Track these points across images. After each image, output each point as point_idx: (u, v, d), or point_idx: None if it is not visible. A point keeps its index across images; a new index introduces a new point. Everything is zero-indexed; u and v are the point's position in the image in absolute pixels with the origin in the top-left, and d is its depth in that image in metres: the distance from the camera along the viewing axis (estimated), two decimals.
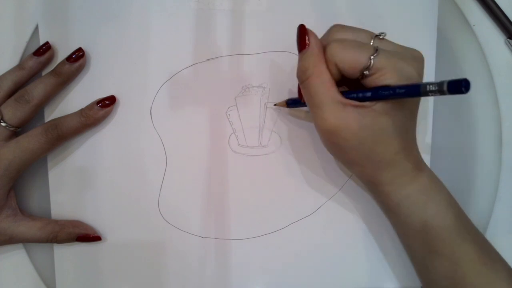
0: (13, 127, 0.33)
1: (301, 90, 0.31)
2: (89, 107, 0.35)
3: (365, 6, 0.37)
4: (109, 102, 0.35)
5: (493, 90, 0.39)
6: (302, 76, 0.30)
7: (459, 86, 0.23)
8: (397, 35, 0.33)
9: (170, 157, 0.36)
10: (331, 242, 0.38)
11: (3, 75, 0.34)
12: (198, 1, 0.36)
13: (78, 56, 0.35)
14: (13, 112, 0.33)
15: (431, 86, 0.25)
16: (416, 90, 0.26)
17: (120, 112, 0.36)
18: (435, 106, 0.38)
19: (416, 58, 0.30)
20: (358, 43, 0.29)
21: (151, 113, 0.36)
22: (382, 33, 0.30)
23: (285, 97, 0.37)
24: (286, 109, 0.37)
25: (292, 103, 0.35)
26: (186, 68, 0.36)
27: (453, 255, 0.30)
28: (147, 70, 0.36)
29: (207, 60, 0.36)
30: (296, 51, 0.31)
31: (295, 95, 0.36)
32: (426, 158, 0.37)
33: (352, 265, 0.38)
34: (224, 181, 0.37)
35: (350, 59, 0.28)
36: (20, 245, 0.37)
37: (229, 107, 0.37)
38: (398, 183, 0.31)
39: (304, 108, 0.36)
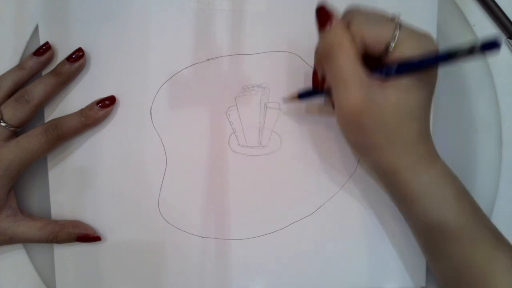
0: (13, 127, 0.33)
1: (325, 69, 0.30)
2: (89, 107, 0.35)
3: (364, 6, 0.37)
4: (109, 102, 0.35)
5: (493, 90, 0.39)
6: (326, 53, 0.29)
7: (494, 43, 0.24)
8: None
9: (170, 157, 0.37)
10: (331, 242, 0.38)
11: (3, 75, 0.34)
12: (198, 1, 0.36)
13: (78, 56, 0.35)
14: (13, 112, 0.33)
15: (463, 47, 0.25)
16: (447, 56, 0.26)
17: (120, 112, 0.36)
18: (435, 106, 0.38)
19: (429, 36, 0.30)
20: (382, 17, 0.30)
21: (151, 113, 0.36)
22: (397, 13, 0.30)
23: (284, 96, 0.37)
24: (302, 107, 0.36)
25: (304, 95, 0.34)
26: (186, 68, 0.36)
27: (471, 240, 0.30)
28: (147, 70, 0.36)
29: (207, 60, 0.36)
30: (296, 51, 0.31)
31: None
32: None
33: (352, 265, 0.38)
34: (224, 181, 0.37)
35: (376, 33, 0.29)
36: (20, 245, 0.37)
37: (229, 107, 0.37)
38: (417, 169, 0.30)
39: (316, 102, 0.35)
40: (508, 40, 0.39)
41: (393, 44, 0.28)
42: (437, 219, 0.31)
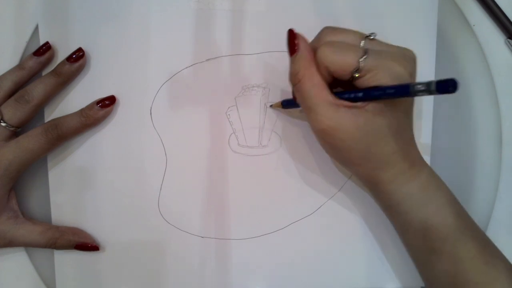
0: (13, 127, 0.33)
1: (294, 93, 0.31)
2: (89, 107, 0.35)
3: (365, 6, 0.37)
4: (109, 102, 0.35)
5: (493, 90, 0.39)
6: (294, 79, 0.30)
7: (446, 86, 0.23)
8: (397, 35, 0.33)
9: (170, 157, 0.36)
10: (331, 242, 0.38)
11: (3, 75, 0.34)
12: (198, 1, 0.36)
13: (78, 56, 0.35)
14: (13, 112, 0.33)
15: (419, 86, 0.25)
16: (405, 90, 0.26)
17: (120, 112, 0.36)
18: (435, 106, 0.38)
19: (407, 58, 0.30)
20: (348, 46, 0.29)
21: (151, 113, 0.36)
22: (372, 33, 0.30)
23: (285, 97, 0.37)
24: (282, 110, 0.37)
25: (287, 104, 0.35)
26: (186, 68, 0.36)
27: (454, 253, 0.30)
28: (147, 70, 0.36)
29: (207, 60, 0.36)
30: None
31: (290, 95, 0.36)
32: (426, 158, 0.37)
33: (352, 265, 0.38)
34: (224, 181, 0.37)
35: (340, 62, 0.29)
36: (21, 247, 0.37)
37: (229, 107, 0.37)
38: (398, 182, 0.31)
39: (299, 108, 0.36)
40: (508, 40, 0.39)
41: (357, 75, 0.28)
42: (420, 225, 0.31)
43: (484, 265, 0.30)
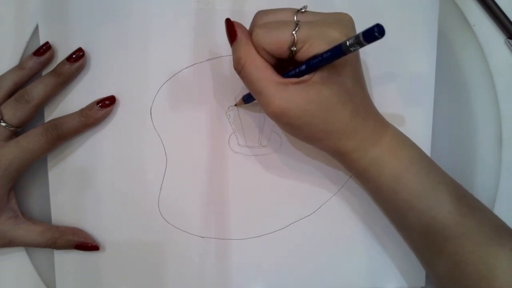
0: (13, 127, 0.33)
1: (242, 81, 0.31)
2: (89, 107, 0.35)
3: (365, 6, 0.37)
4: (109, 102, 0.35)
5: (493, 90, 0.39)
6: (237, 66, 0.30)
7: (373, 33, 0.23)
8: (397, 35, 0.33)
9: (170, 157, 0.37)
10: (331, 242, 0.38)
11: (3, 75, 0.34)
12: (198, 1, 0.36)
13: (78, 56, 0.35)
14: (13, 112, 0.33)
15: (350, 41, 0.25)
16: (339, 50, 0.26)
17: (120, 112, 0.36)
18: (435, 105, 0.38)
19: (341, 21, 0.29)
20: (279, 23, 0.29)
21: (151, 113, 0.36)
22: (304, 6, 0.30)
23: None
24: (245, 106, 0.37)
25: (247, 98, 0.35)
26: (186, 68, 0.36)
27: (428, 207, 0.31)
28: (147, 70, 0.36)
29: (207, 60, 0.36)
30: None
31: None
32: None
33: (352, 265, 0.38)
34: (224, 181, 0.37)
35: (274, 40, 0.28)
36: (21, 247, 0.37)
37: (229, 107, 0.37)
38: (362, 148, 0.31)
39: None
40: (508, 40, 0.39)
41: (295, 48, 0.28)
42: (390, 187, 0.31)
43: (461, 217, 0.30)
